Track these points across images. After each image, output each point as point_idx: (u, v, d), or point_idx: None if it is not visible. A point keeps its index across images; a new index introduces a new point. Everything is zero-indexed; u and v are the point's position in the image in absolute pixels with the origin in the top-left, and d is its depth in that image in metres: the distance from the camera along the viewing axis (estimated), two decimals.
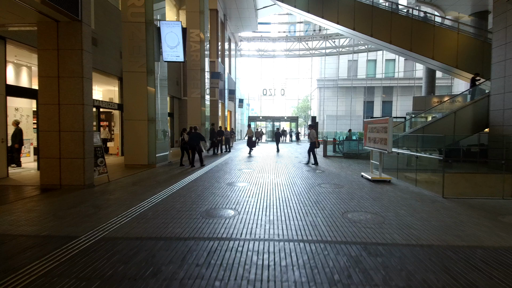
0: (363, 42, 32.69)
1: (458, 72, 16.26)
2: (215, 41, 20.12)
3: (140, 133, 9.44)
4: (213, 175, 7.88)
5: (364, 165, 10.38)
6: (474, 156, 11.58)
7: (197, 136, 9.56)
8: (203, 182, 6.92)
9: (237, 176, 7.84)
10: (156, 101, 9.58)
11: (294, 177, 7.69)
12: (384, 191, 6.19)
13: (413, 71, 35.93)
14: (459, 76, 17.06)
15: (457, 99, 23.37)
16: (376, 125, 7.32)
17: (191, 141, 9.50)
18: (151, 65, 9.45)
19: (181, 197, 5.43)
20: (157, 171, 8.63)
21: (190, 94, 16.10)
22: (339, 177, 7.76)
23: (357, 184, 6.84)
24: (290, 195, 5.62)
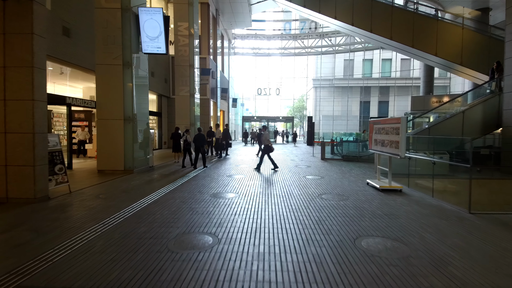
0: (360, 41, 31.93)
1: (461, 70, 15.43)
2: (206, 36, 19.00)
3: (115, 134, 8.30)
4: (197, 183, 6.79)
5: (366, 170, 9.40)
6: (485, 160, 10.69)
7: (202, 137, 9.52)
8: (183, 192, 5.83)
9: (224, 184, 6.76)
10: (133, 98, 8.45)
11: (290, 186, 6.65)
12: (397, 204, 5.18)
13: (410, 70, 35.35)
14: (462, 73, 16.24)
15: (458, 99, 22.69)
16: (385, 126, 6.32)
17: (196, 142, 9.44)
18: (127, 57, 8.32)
19: (150, 215, 4.33)
20: (133, 178, 7.50)
21: (178, 92, 14.97)
22: (342, 186, 6.74)
23: (364, 195, 5.82)
24: (286, 211, 4.57)
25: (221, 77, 23.76)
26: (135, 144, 8.51)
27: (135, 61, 8.55)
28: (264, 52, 33.77)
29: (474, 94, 14.01)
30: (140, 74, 8.93)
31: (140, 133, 8.87)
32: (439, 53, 14.72)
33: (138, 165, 8.64)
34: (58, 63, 9.41)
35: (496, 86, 11.41)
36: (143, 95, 9.13)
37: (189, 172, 8.48)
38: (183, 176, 7.85)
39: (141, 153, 8.86)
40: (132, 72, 8.37)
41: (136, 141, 8.59)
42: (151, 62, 15.02)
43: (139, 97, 8.87)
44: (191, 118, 15.05)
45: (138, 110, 8.73)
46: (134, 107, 8.46)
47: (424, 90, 23.81)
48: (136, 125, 8.56)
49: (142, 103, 9.08)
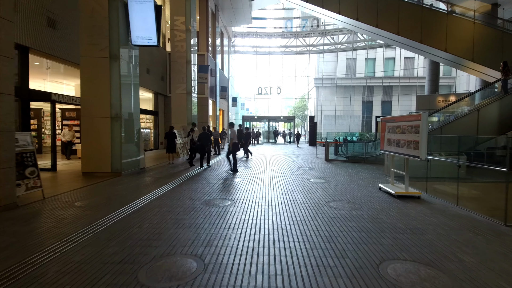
0: (363, 38, 31.19)
1: (471, 66, 14.68)
2: (205, 33, 18.31)
3: (101, 133, 7.59)
4: (190, 188, 6.07)
5: (375, 172, 8.67)
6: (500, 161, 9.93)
7: (208, 136, 9.46)
8: (171, 199, 5.10)
9: (220, 189, 6.04)
10: (122, 94, 7.74)
11: (293, 190, 5.92)
12: (419, 214, 4.45)
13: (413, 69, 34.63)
14: (471, 70, 15.48)
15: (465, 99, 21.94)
16: (401, 124, 5.59)
17: (202, 141, 9.35)
18: (115, 49, 7.61)
19: (127, 229, 3.61)
20: (119, 182, 6.79)
21: (174, 89, 14.26)
22: (352, 191, 6.01)
23: (378, 202, 5.09)
24: (290, 224, 3.85)
25: (221, 75, 23.06)
26: (124, 144, 7.80)
27: (123, 53, 7.84)
28: (264, 50, 33.05)
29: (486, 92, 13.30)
30: (130, 68, 8.22)
31: (130, 132, 8.16)
32: (449, 48, 13.98)
33: (127, 167, 7.92)
34: (42, 56, 8.72)
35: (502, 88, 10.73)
36: (133, 91, 8.42)
37: (182, 175, 7.76)
38: (175, 179, 7.13)
39: (130, 154, 8.15)
40: (120, 66, 7.66)
41: (125, 141, 7.88)
42: (147, 58, 14.34)
43: (129, 93, 8.16)
44: (188, 117, 14.34)
45: (127, 108, 8.02)
46: (122, 104, 7.75)
47: (429, 89, 23.10)
48: (124, 124, 7.85)
49: (132, 100, 8.37)
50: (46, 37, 8.29)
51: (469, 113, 10.73)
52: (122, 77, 7.76)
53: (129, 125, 8.10)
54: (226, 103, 27.59)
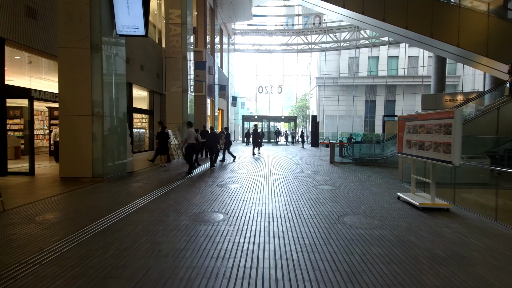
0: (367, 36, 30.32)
1: (485, 63, 13.79)
2: (202, 29, 17.49)
3: (81, 133, 6.75)
4: (177, 197, 5.22)
5: (387, 177, 7.81)
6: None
7: (215, 137, 9.44)
8: (152, 213, 4.25)
9: (213, 198, 5.19)
10: (105, 89, 6.90)
11: (298, 200, 5.07)
12: (456, 235, 3.59)
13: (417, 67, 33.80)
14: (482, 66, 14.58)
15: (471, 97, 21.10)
16: (426, 122, 4.73)
17: (209, 142, 9.35)
18: (96, 38, 6.77)
19: (81, 261, 2.76)
20: (99, 189, 5.95)
21: (169, 87, 13.43)
22: (366, 201, 5.15)
23: (401, 217, 4.23)
24: (297, 251, 2.99)
25: (220, 73, 22.24)
26: (107, 145, 6.96)
27: (107, 44, 7.00)
28: (265, 48, 32.19)
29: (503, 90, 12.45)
30: (115, 61, 7.38)
31: (115, 132, 7.32)
32: (461, 43, 13.12)
33: (111, 171, 7.08)
34: (20, 49, 7.89)
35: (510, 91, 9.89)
36: (119, 87, 7.57)
37: (173, 180, 6.91)
38: (163, 185, 6.28)
39: (115, 157, 7.30)
40: (102, 57, 6.82)
41: (109, 142, 7.04)
42: (141, 54, 13.52)
43: (114, 88, 7.32)
44: (184, 116, 13.50)
45: (111, 105, 7.18)
46: (105, 101, 6.90)
47: (435, 88, 22.28)
48: (108, 123, 7.01)
49: (118, 95, 7.53)
50: (25, 28, 7.47)
51: (488, 111, 9.87)
52: (105, 70, 6.91)
53: (113, 124, 7.26)
54: (226, 103, 26.77)
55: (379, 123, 34.30)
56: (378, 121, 34.24)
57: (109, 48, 7.10)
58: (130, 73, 12.60)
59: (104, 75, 6.88)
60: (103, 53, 6.84)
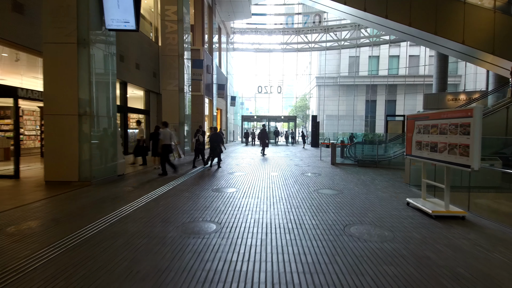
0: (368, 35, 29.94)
1: (491, 61, 13.39)
2: (200, 27, 17.07)
3: (67, 134, 6.33)
4: (168, 203, 4.80)
5: (392, 179, 7.39)
6: None
7: (218, 137, 9.25)
8: (137, 223, 3.84)
9: (206, 205, 4.77)
10: (92, 87, 6.48)
11: (299, 207, 4.65)
12: (477, 249, 3.17)
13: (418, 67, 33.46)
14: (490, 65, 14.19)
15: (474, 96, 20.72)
16: (439, 122, 4.32)
17: (212, 142, 9.18)
18: (84, 33, 6.36)
19: (48, 282, 2.35)
20: (85, 194, 5.53)
21: (165, 86, 13.02)
22: (373, 207, 4.73)
23: (414, 227, 3.82)
24: (298, 271, 2.57)
25: (218, 72, 21.82)
26: (95, 147, 6.54)
27: (95, 39, 6.59)
28: (265, 47, 31.77)
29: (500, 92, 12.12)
30: (104, 57, 6.97)
31: (103, 133, 6.91)
32: (466, 41, 12.72)
33: (100, 175, 6.66)
34: (5, 45, 7.46)
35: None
36: (109, 84, 7.16)
37: (165, 183, 6.49)
38: (154, 190, 5.86)
39: (104, 159, 6.88)
40: (90, 53, 6.40)
41: (97, 144, 6.62)
42: (137, 53, 13.08)
43: (103, 87, 6.90)
44: (181, 116, 13.10)
45: (100, 103, 6.77)
46: (93, 99, 6.49)
47: (437, 87, 21.92)
48: (96, 123, 6.59)
49: (108, 94, 7.11)
50: (11, 23, 7.04)
51: (496, 111, 9.46)
52: (93, 67, 6.50)
53: (102, 124, 6.85)
54: (224, 102, 26.35)
55: (380, 123, 33.91)
56: (379, 121, 33.86)
57: (97, 43, 6.69)
58: (125, 72, 12.18)
59: (92, 72, 6.46)
60: (90, 48, 6.42)
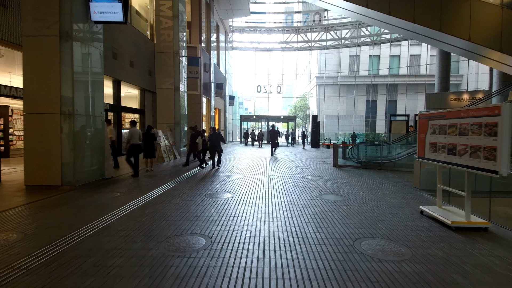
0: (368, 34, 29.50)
1: (498, 58, 12.94)
2: (197, 24, 16.58)
3: (49, 134, 5.84)
4: (155, 212, 4.31)
5: (400, 183, 6.92)
6: None
7: (218, 137, 9.34)
8: (115, 238, 3.34)
9: (197, 213, 4.29)
10: (76, 83, 5.98)
11: (300, 216, 4.17)
12: (509, 269, 2.70)
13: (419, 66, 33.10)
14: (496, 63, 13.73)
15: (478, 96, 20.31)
16: (458, 121, 3.85)
17: (212, 142, 9.20)
18: (67, 25, 5.86)
19: None
20: (65, 200, 5.03)
21: (160, 84, 12.53)
22: (384, 217, 4.25)
23: (433, 241, 3.33)
24: None
25: (216, 71, 21.34)
26: (80, 148, 6.05)
27: (79, 32, 6.09)
28: (264, 46, 31.29)
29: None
30: (90, 52, 6.47)
31: (89, 133, 6.41)
32: (473, 38, 12.25)
33: (85, 178, 6.16)
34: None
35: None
36: (95, 81, 6.66)
37: (155, 188, 6.00)
38: (143, 195, 5.37)
39: (90, 161, 6.39)
40: (73, 47, 5.91)
41: (82, 145, 6.13)
42: (131, 50, 12.58)
43: (87, 84, 6.41)
44: (176, 116, 12.61)
45: (85, 101, 6.27)
46: (76, 97, 5.98)
47: (439, 87, 21.55)
48: (80, 122, 6.09)
49: (94, 92, 6.61)
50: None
51: None
52: (76, 62, 6.00)
53: (88, 124, 6.35)
54: (223, 102, 25.87)
55: (381, 123, 33.49)
56: (380, 121, 33.44)
57: (82, 36, 6.19)
58: (119, 70, 11.69)
59: (75, 68, 5.96)
60: (74, 42, 5.92)
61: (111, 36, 11.06)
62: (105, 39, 10.88)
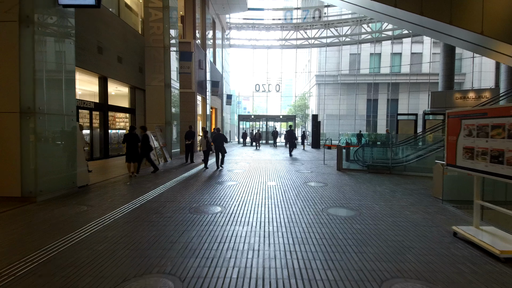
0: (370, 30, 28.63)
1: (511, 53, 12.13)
2: (191, 18, 15.68)
3: (6, 136, 4.95)
4: (119, 235, 3.43)
5: (415, 192, 6.06)
6: None
7: (221, 137, 9.33)
8: (53, 277, 2.46)
9: (174, 237, 3.41)
10: (38, 76, 5.09)
11: (305, 243, 3.29)
12: None
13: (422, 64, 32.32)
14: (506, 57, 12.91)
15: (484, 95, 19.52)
16: (507, 120, 2.99)
17: (216, 143, 9.24)
18: (28, 9, 4.96)
19: None
20: (22, 215, 4.14)
21: (149, 81, 11.64)
22: (408, 240, 3.39)
23: (483, 282, 2.47)
24: None
25: (212, 69, 20.43)
26: (44, 152, 5.15)
27: (43, 16, 5.20)
28: (262, 44, 30.40)
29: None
30: (57, 41, 5.57)
31: (57, 135, 5.52)
32: (486, 31, 11.41)
33: (50, 188, 5.27)
34: None
35: None
36: (64, 76, 5.77)
37: (134, 199, 5.11)
38: (117, 208, 4.49)
39: (57, 168, 5.49)
40: (35, 35, 5.01)
41: (47, 148, 5.24)
42: (119, 45, 11.68)
43: (55, 78, 5.52)
44: (167, 115, 11.72)
45: (51, 98, 5.38)
46: (38, 92, 5.09)
47: (444, 85, 20.80)
48: (45, 122, 5.20)
49: (63, 87, 5.72)
50: None
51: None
52: (40, 52, 5.11)
53: (55, 124, 5.46)
54: (220, 101, 24.97)
55: (382, 123, 32.68)
56: (381, 120, 32.64)
57: (47, 22, 5.29)
58: (104, 65, 10.80)
59: (38, 58, 5.07)
60: (37, 28, 5.03)
61: (96, 28, 10.17)
62: (89, 32, 10.02)
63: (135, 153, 7.47)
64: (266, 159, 12.30)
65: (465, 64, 33.82)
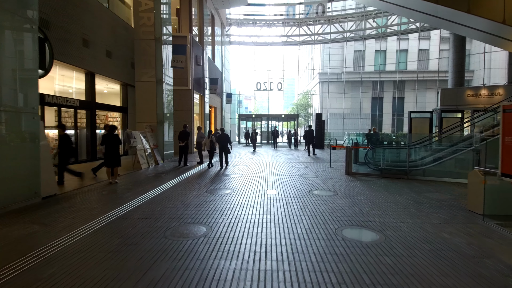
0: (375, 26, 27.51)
1: None
2: (187, 10, 14.73)
3: None
4: (62, 270, 2.49)
5: (444, 202, 5.06)
6: None
7: (226, 138, 9.41)
8: None
9: (147, 263, 2.46)
10: None
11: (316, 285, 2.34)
12: None
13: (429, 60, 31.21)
14: None
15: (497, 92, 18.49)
16: None
17: (221, 143, 9.29)
18: None
19: None
20: None
21: (139, 77, 10.70)
22: (457, 280, 2.41)
23: None
24: None
25: (211, 66, 19.47)
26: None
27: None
28: (264, 41, 29.38)
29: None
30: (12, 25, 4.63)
31: (12, 136, 4.59)
32: (508, 19, 10.33)
33: (3, 200, 4.34)
34: None
35: None
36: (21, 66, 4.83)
37: (107, 212, 4.17)
38: (75, 228, 3.54)
39: (12, 175, 4.56)
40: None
41: None
42: (107, 37, 10.74)
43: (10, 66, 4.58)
44: (159, 114, 10.77)
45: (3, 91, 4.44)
46: None
47: (454, 82, 19.77)
48: None
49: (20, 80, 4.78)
50: None
51: None
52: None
53: (8, 123, 4.52)
54: (220, 100, 24.01)
55: (387, 122, 31.58)
56: (386, 119, 31.55)
57: None
58: (91, 60, 9.89)
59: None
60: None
61: (80, 19, 9.26)
62: (73, 23, 9.09)
63: (117, 157, 6.52)
64: (265, 161, 11.32)
65: (473, 61, 32.68)
